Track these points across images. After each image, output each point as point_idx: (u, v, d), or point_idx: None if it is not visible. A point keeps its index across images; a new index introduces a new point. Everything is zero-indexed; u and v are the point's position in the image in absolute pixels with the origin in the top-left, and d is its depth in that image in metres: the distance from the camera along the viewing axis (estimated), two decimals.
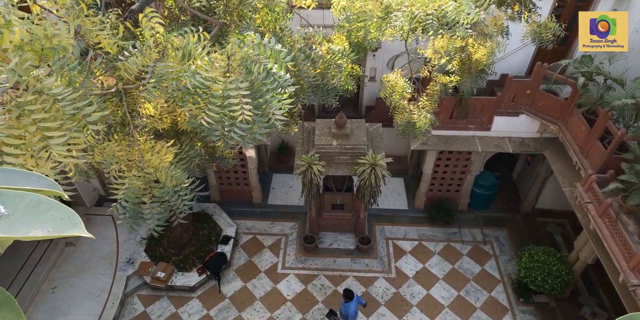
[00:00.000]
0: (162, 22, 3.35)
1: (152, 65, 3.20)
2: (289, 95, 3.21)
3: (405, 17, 4.19)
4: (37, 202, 0.65)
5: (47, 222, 0.64)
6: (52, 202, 0.66)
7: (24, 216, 0.64)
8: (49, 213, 0.65)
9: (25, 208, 0.65)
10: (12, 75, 2.26)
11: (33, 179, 0.74)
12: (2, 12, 2.30)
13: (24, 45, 2.44)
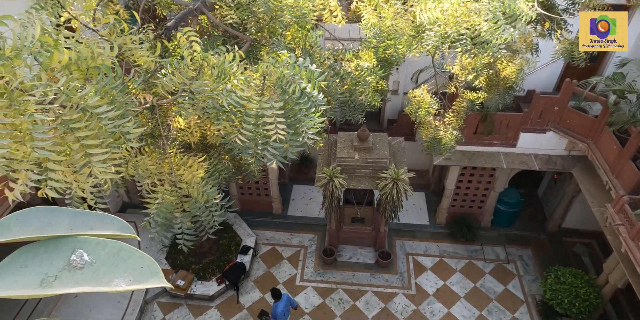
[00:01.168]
0: (199, 40, 3.43)
1: (189, 82, 3.27)
2: (321, 113, 3.24)
3: (437, 36, 4.19)
4: (118, 250, 0.67)
5: (128, 271, 0.65)
6: (132, 250, 0.68)
7: (106, 264, 0.66)
8: (130, 261, 0.67)
9: (107, 255, 0.66)
10: (60, 94, 2.34)
11: (107, 221, 0.76)
12: (52, 33, 2.39)
13: (70, 64, 2.53)
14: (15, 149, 2.22)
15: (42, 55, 2.37)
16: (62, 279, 0.63)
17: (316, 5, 5.50)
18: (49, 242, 0.68)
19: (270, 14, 5.32)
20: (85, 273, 0.64)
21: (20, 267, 0.64)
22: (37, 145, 2.10)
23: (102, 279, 0.64)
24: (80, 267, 0.65)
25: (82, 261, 0.65)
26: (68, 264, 0.65)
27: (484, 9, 3.98)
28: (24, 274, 0.63)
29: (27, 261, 0.65)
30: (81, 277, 0.64)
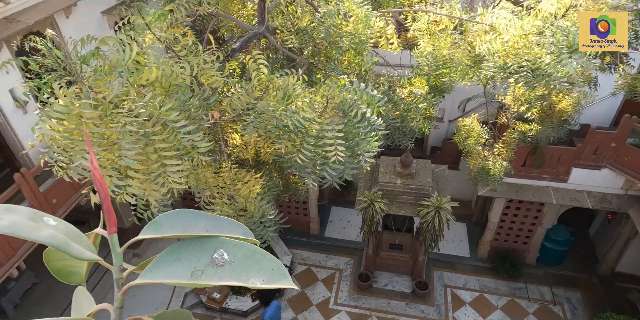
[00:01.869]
0: (266, 64, 3.63)
1: (254, 102, 3.46)
2: (378, 138, 3.31)
3: (496, 67, 4.21)
4: (252, 252, 0.76)
5: (261, 271, 0.74)
6: (264, 253, 0.77)
7: (242, 264, 0.74)
8: (262, 263, 0.75)
9: (242, 256, 0.75)
10: (145, 108, 2.55)
11: (234, 226, 0.85)
12: (145, 53, 2.63)
13: (155, 82, 2.75)
14: (102, 157, 2.42)
15: (132, 73, 2.60)
16: (207, 273, 0.73)
17: (374, 32, 5.67)
18: (195, 240, 0.78)
19: (328, 39, 5.52)
20: (226, 270, 0.73)
21: (174, 261, 0.74)
22: (124, 153, 2.29)
23: (240, 277, 0.73)
24: (222, 265, 0.74)
25: (222, 259, 0.75)
26: (211, 261, 0.74)
27: (547, 42, 3.97)
28: (177, 267, 0.73)
29: (179, 256, 0.75)
30: (222, 273, 0.73)
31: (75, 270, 0.84)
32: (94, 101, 2.34)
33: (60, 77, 2.23)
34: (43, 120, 2.30)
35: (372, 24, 5.46)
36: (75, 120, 2.33)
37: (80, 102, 2.28)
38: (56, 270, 0.84)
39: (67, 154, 2.39)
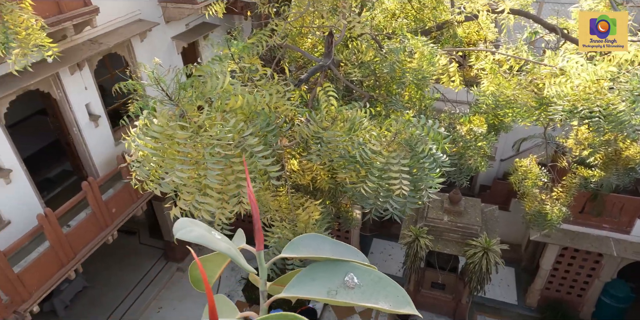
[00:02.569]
0: (336, 96, 3.80)
1: (322, 132, 3.61)
2: (442, 174, 3.34)
3: (565, 111, 4.16)
4: (379, 278, 0.84)
5: (388, 297, 0.81)
6: (388, 280, 0.85)
7: (370, 288, 0.82)
8: (388, 289, 0.83)
9: (370, 281, 0.83)
10: (229, 132, 2.75)
11: (353, 252, 0.94)
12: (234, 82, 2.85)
13: (237, 108, 2.97)
14: (187, 175, 2.62)
15: (219, 99, 2.82)
16: (340, 293, 0.81)
17: (437, 69, 5.77)
18: (328, 263, 0.87)
19: (392, 74, 5.67)
20: (356, 293, 0.82)
21: (311, 280, 0.84)
22: (209, 173, 2.47)
23: (370, 299, 0.81)
24: (352, 287, 0.82)
25: (353, 283, 0.83)
26: (343, 283, 0.83)
27: (622, 89, 3.90)
28: (315, 285, 0.82)
29: (316, 276, 0.85)
30: (354, 295, 0.81)
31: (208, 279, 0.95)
32: (186, 123, 2.56)
33: (161, 101, 2.47)
34: (140, 137, 2.53)
35: (435, 61, 5.58)
36: (168, 140, 2.55)
37: (174, 124, 2.50)
38: (193, 277, 0.95)
39: (159, 170, 2.61)
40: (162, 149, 2.53)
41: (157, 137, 2.44)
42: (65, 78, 9.34)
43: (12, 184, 8.23)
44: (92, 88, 10.14)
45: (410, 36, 5.81)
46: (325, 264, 0.85)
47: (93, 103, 10.22)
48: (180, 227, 0.85)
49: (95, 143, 10.37)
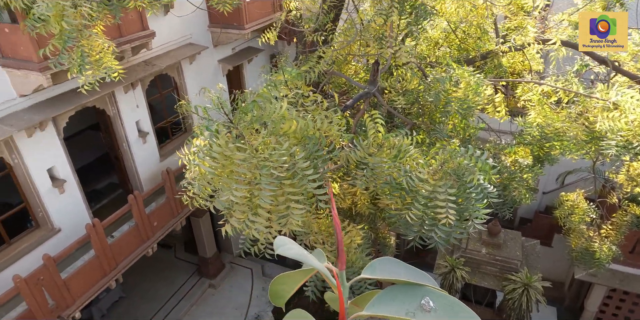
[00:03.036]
0: (383, 123, 3.89)
1: (368, 158, 3.68)
2: (488, 205, 3.31)
3: (619, 146, 4.06)
4: (452, 304, 0.89)
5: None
6: (462, 306, 0.89)
7: (445, 313, 0.87)
8: (461, 315, 0.87)
9: (444, 306, 0.88)
10: (283, 155, 2.87)
11: (426, 278, 0.99)
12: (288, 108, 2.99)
13: (291, 133, 3.09)
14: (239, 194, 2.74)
15: (275, 124, 2.96)
16: (418, 315, 0.86)
17: (482, 99, 5.77)
18: (405, 286, 0.93)
19: (436, 103, 5.72)
20: (432, 316, 0.86)
21: (391, 300, 0.89)
22: (262, 194, 2.58)
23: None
24: (428, 311, 0.87)
25: (428, 306, 0.88)
26: (419, 306, 0.88)
27: None
28: (394, 305, 0.88)
29: (395, 297, 0.90)
30: (429, 318, 0.86)
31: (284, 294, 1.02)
32: (243, 145, 2.70)
33: (224, 124, 2.63)
34: (200, 156, 2.69)
35: (481, 91, 5.59)
36: (225, 160, 2.69)
37: (232, 146, 2.64)
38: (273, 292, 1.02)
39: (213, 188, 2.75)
40: (220, 168, 2.68)
41: (216, 157, 2.58)
42: (120, 96, 9.92)
43: (65, 194, 8.71)
44: (143, 106, 10.69)
45: (455, 66, 5.87)
46: (402, 287, 0.91)
47: (142, 120, 10.75)
48: (280, 244, 0.93)
49: (142, 158, 10.86)
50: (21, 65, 7.24)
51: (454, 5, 7.57)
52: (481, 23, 8.41)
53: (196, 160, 2.73)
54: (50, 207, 8.43)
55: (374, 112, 3.95)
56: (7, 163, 7.77)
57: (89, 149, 12.70)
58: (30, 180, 8.06)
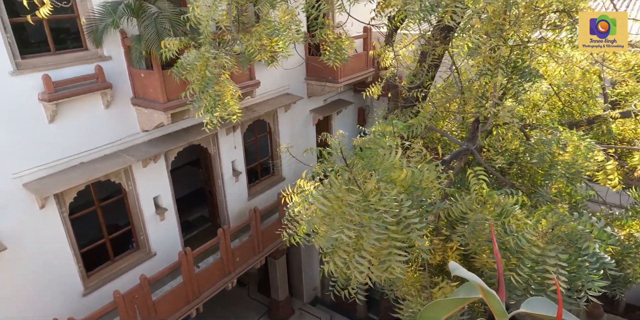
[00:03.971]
0: (487, 180, 3.86)
1: (470, 213, 3.64)
2: (604, 277, 3.06)
3: None
4: None
5: None
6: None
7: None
8: None
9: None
10: (390, 201, 2.96)
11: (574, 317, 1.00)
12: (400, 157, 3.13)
13: (399, 181, 3.20)
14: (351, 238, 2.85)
15: (385, 171, 3.10)
16: None
17: (592, 165, 5.46)
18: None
19: (540, 166, 5.52)
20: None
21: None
22: (370, 237, 2.67)
23: None
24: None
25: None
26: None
27: None
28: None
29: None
30: None
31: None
32: (356, 188, 2.85)
33: (342, 168, 2.83)
34: (315, 196, 2.88)
35: (591, 156, 5.31)
36: (338, 202, 2.85)
37: (346, 188, 2.80)
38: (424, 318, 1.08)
39: (322, 226, 2.90)
40: (331, 209, 2.84)
41: (330, 198, 2.76)
42: (222, 137, 10.84)
43: (165, 221, 9.47)
44: (240, 148, 11.53)
45: (561, 128, 5.69)
46: None
47: (237, 160, 11.55)
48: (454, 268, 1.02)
49: (233, 196, 11.54)
50: (149, 105, 8.31)
51: (559, 69, 7.45)
52: (588, 87, 8.12)
53: (310, 198, 2.92)
54: (151, 232, 9.19)
55: (478, 168, 3.94)
56: (123, 188, 8.72)
57: (187, 183, 13.79)
58: (139, 205, 8.93)
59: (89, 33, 7.57)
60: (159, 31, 7.10)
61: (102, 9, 7.41)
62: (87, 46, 7.75)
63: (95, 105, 7.85)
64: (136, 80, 8.32)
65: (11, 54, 6.64)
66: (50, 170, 7.35)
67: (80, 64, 7.51)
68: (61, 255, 7.72)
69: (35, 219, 7.24)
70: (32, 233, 7.26)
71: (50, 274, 7.63)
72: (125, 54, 8.03)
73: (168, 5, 7.55)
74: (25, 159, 7.01)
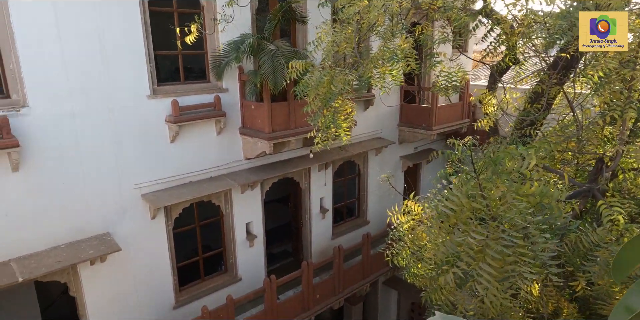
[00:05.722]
0: (622, 211, 3.47)
1: (604, 245, 3.26)
2: None
3: None
4: None
5: None
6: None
7: None
8: None
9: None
10: (517, 215, 2.78)
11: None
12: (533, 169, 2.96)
13: (529, 193, 3.01)
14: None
15: (514, 183, 2.94)
16: None
17: None
18: None
19: None
20: None
21: None
22: (496, 246, 2.50)
23: None
24: None
25: None
26: None
27: None
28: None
29: None
30: None
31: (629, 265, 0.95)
32: (482, 195, 2.73)
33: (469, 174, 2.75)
34: (439, 199, 2.81)
35: None
36: (461, 207, 2.74)
37: (472, 193, 2.70)
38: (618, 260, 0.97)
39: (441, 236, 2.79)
40: (454, 215, 2.73)
41: (455, 201, 2.67)
42: (314, 173, 11.11)
43: (253, 248, 9.70)
44: (330, 186, 11.70)
45: None
46: None
47: (326, 198, 11.67)
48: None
49: (318, 232, 11.57)
50: (254, 134, 8.91)
51: None
52: None
53: (435, 202, 2.85)
54: (240, 257, 9.44)
55: (611, 200, 3.58)
56: (221, 211, 9.19)
57: (275, 217, 14.13)
58: (232, 229, 9.30)
59: (213, 67, 8.51)
60: (275, 66, 7.76)
61: (226, 47, 8.34)
62: (209, 79, 8.67)
63: (209, 131, 8.60)
64: (246, 111, 9.04)
65: (150, 81, 7.64)
66: (165, 185, 8.04)
67: (203, 93, 8.39)
68: (161, 266, 8.19)
69: (146, 228, 7.86)
70: (142, 241, 7.86)
71: (149, 282, 8.09)
72: (240, 88, 8.83)
73: (284, 44, 8.29)
74: (147, 172, 7.78)
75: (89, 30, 6.77)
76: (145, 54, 7.44)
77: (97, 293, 7.50)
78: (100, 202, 7.34)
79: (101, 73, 7.03)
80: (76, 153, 6.99)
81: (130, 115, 7.46)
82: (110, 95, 7.19)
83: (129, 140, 7.51)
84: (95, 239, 7.23)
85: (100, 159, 7.24)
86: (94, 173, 7.21)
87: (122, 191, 7.53)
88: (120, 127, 7.38)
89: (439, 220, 2.83)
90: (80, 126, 6.96)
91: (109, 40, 6.99)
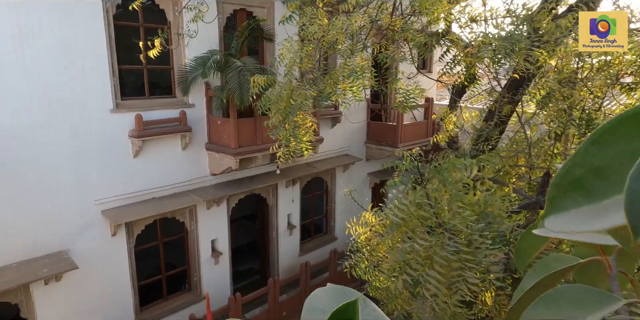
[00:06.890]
0: None
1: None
2: None
3: None
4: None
5: None
6: None
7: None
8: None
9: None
10: (462, 221, 2.93)
11: None
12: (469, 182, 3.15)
13: (473, 202, 3.18)
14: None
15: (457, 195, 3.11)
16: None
17: None
18: None
19: None
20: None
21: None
22: (442, 252, 2.63)
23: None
24: None
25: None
26: None
27: None
28: None
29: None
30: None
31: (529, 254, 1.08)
32: (429, 204, 2.87)
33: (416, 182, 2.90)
34: (392, 210, 2.93)
35: None
36: (409, 215, 2.87)
37: (420, 201, 2.84)
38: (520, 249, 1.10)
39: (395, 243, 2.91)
40: (403, 223, 2.86)
41: (404, 209, 2.80)
42: (281, 189, 11.14)
43: (218, 266, 9.55)
44: (297, 202, 11.73)
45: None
46: None
47: (293, 214, 11.68)
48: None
49: (285, 250, 11.51)
50: (220, 150, 8.90)
51: None
52: None
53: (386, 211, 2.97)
54: (205, 275, 9.27)
55: None
56: (186, 228, 9.05)
57: (241, 235, 13.96)
58: (197, 246, 9.16)
59: (179, 82, 8.53)
60: (241, 82, 7.87)
61: (193, 63, 8.41)
62: (175, 94, 8.68)
63: (174, 146, 8.55)
64: (212, 126, 9.05)
65: (114, 94, 7.59)
66: (126, 201, 7.89)
67: (168, 108, 8.37)
68: (121, 285, 7.94)
69: (106, 245, 7.64)
70: (101, 259, 7.62)
71: (108, 302, 7.81)
72: (206, 103, 8.86)
73: (250, 61, 8.43)
74: (108, 187, 7.62)
75: (53, 41, 6.71)
76: (109, 67, 7.40)
77: (51, 314, 7.18)
78: (58, 218, 7.12)
79: (64, 85, 6.93)
80: (35, 166, 6.80)
81: (93, 129, 7.35)
82: (73, 107, 7.08)
83: (90, 155, 7.37)
84: (51, 256, 6.97)
85: (60, 173, 7.07)
86: (53, 188, 7.01)
87: (82, 207, 7.34)
88: (82, 141, 7.25)
89: (390, 229, 2.94)
90: (41, 138, 6.80)
91: (74, 51, 6.93)
